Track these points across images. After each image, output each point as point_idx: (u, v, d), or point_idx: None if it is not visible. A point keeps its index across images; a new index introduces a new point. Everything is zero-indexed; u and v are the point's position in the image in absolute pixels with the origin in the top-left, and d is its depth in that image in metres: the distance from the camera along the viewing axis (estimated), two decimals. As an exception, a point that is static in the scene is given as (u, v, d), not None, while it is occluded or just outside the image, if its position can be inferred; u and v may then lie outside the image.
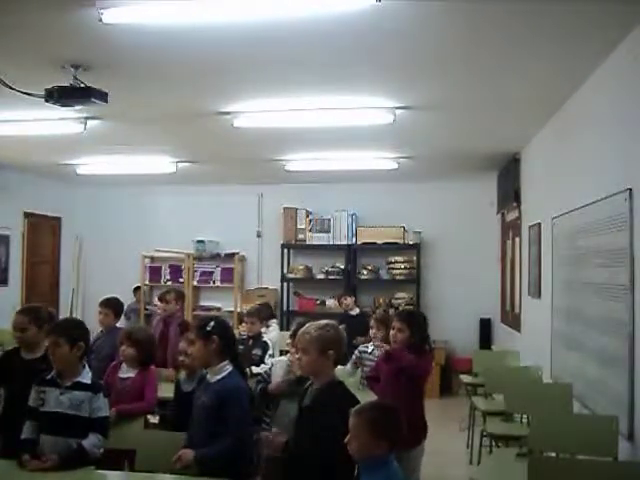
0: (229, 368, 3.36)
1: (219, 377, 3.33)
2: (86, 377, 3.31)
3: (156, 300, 10.05)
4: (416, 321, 4.21)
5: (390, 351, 4.21)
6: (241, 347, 5.18)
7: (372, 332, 5.12)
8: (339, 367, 3.38)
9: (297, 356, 3.11)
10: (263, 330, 6.28)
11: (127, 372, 4.34)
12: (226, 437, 3.19)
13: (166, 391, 4.51)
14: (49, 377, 3.31)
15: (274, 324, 7.01)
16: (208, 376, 3.39)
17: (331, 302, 9.47)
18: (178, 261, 9.99)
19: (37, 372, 3.41)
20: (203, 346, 3.34)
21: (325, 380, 3.00)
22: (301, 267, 9.66)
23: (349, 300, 7.91)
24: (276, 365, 4.46)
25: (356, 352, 5.36)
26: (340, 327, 3.17)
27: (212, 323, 3.38)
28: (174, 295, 6.26)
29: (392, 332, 4.17)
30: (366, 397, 4.39)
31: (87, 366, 3.39)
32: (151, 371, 4.38)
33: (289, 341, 4.42)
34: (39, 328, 3.72)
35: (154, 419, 4.43)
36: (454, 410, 7.52)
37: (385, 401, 3.27)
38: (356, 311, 7.83)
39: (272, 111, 5.59)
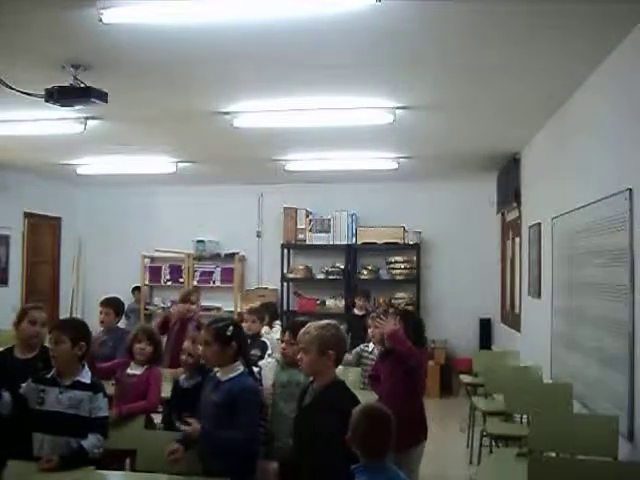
0: (241, 368, 3.36)
1: (231, 376, 3.32)
2: (86, 377, 3.32)
3: (155, 300, 10.14)
4: (412, 317, 4.26)
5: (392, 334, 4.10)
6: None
7: (370, 331, 5.11)
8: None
9: (299, 356, 3.10)
10: (266, 330, 6.28)
11: (134, 369, 4.38)
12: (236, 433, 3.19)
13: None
14: (49, 376, 3.30)
15: (278, 325, 6.99)
16: (218, 374, 3.37)
17: (331, 302, 9.48)
18: (178, 261, 10.02)
19: (32, 371, 3.42)
20: (220, 350, 3.32)
21: (326, 380, 2.99)
22: (301, 267, 9.65)
23: (362, 302, 7.88)
24: (265, 368, 4.36)
25: (357, 349, 5.36)
26: (341, 327, 3.17)
27: (231, 328, 3.37)
28: (196, 295, 6.35)
29: None
30: (367, 397, 4.42)
31: (87, 366, 3.38)
32: (156, 370, 4.40)
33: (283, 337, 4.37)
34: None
35: (157, 419, 4.43)
36: (454, 410, 7.52)
37: (369, 408, 3.21)
38: (363, 311, 7.81)
39: (272, 111, 5.59)
